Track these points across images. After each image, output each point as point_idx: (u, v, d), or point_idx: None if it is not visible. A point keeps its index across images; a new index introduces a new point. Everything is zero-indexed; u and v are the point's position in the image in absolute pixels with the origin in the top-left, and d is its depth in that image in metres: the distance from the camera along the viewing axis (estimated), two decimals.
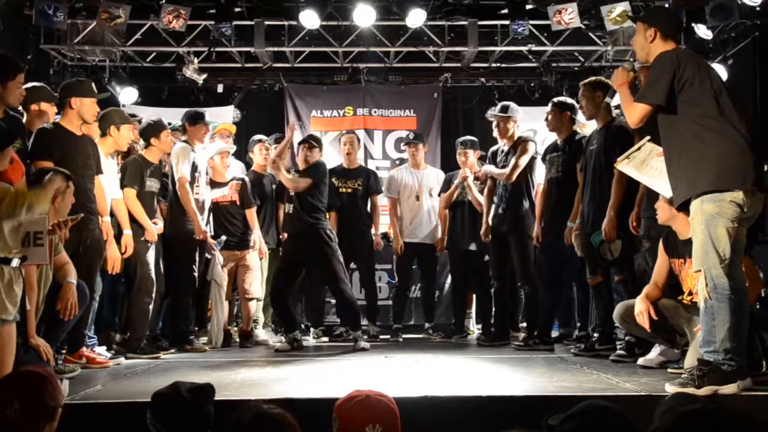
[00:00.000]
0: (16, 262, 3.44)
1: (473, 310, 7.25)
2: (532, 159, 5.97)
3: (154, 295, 5.52)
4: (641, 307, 4.27)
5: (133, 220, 5.46)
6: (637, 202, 4.77)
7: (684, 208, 3.68)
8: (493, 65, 9.03)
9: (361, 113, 9.24)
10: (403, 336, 6.96)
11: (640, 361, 4.55)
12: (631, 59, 6.77)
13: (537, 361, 5.03)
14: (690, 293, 4.24)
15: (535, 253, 6.25)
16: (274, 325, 6.91)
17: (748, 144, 3.54)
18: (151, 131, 5.72)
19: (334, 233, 6.00)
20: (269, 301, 6.43)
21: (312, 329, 6.95)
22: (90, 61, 8.67)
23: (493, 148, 6.30)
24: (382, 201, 7.24)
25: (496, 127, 6.03)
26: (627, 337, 4.84)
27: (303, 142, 6.20)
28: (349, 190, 6.87)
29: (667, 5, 7.48)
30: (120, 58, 8.72)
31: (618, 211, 4.88)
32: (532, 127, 8.37)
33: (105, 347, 5.41)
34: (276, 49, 8.74)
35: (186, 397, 2.60)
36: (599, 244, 4.95)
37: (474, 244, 6.58)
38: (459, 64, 9.04)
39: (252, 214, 6.48)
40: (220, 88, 9.31)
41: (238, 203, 6.44)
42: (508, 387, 3.83)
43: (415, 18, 8.08)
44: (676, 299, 4.35)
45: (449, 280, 7.36)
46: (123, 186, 5.53)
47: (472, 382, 4.08)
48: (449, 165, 7.27)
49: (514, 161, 5.82)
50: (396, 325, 6.97)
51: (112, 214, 5.33)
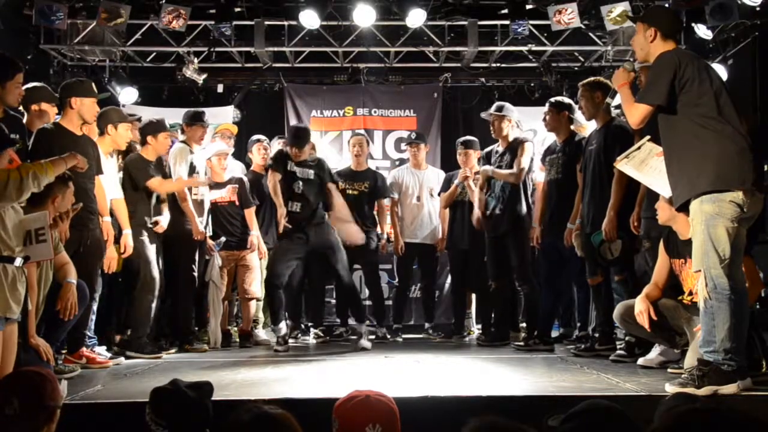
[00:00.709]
0: (19, 261, 3.44)
1: (473, 310, 7.25)
2: (531, 159, 6.00)
3: (157, 294, 5.53)
4: (641, 307, 4.27)
5: (134, 218, 5.47)
6: (637, 202, 4.77)
7: (684, 208, 3.68)
8: (493, 65, 9.03)
9: (361, 113, 9.23)
10: (403, 336, 6.96)
11: (640, 361, 4.56)
12: (631, 59, 6.77)
13: (537, 361, 5.03)
14: (690, 293, 4.24)
15: (535, 253, 6.26)
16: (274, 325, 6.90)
17: (747, 144, 3.55)
18: (149, 129, 5.74)
19: None
20: (265, 291, 6.41)
21: (312, 329, 6.94)
22: (90, 61, 8.67)
23: (488, 149, 6.33)
24: (386, 201, 7.24)
25: (492, 126, 6.07)
26: (627, 337, 4.84)
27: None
28: (355, 192, 6.86)
29: (667, 5, 7.48)
30: (120, 58, 8.71)
31: (618, 211, 4.88)
32: (532, 127, 8.36)
33: (105, 347, 5.41)
34: (276, 49, 8.73)
35: (186, 392, 2.59)
36: (599, 244, 4.96)
37: (473, 244, 6.58)
38: (459, 64, 9.03)
39: (251, 214, 6.48)
40: (220, 88, 9.30)
41: (237, 203, 6.44)
42: (508, 387, 3.84)
43: (415, 18, 8.07)
44: (676, 299, 4.35)
45: (449, 280, 7.36)
46: (132, 185, 5.56)
47: (472, 382, 4.09)
48: (449, 165, 7.26)
49: (517, 164, 5.83)
50: (396, 325, 6.97)
51: (112, 214, 5.34)
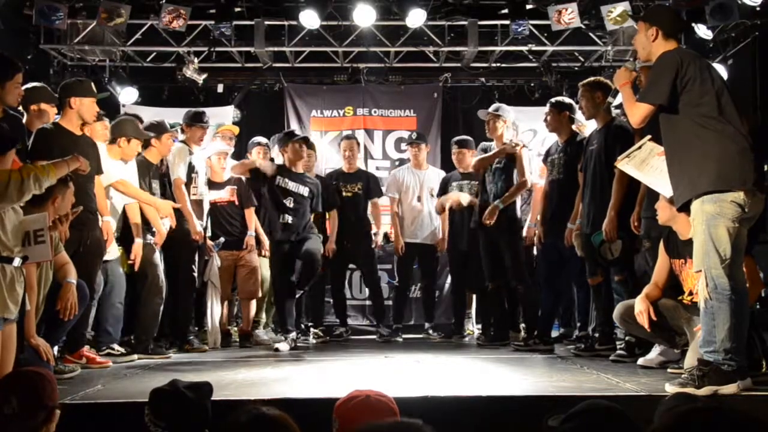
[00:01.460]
0: (17, 262, 3.44)
1: (473, 310, 7.25)
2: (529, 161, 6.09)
3: (164, 296, 5.54)
4: (641, 307, 4.27)
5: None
6: (638, 201, 4.76)
7: (685, 208, 3.67)
8: (493, 65, 9.01)
9: (361, 113, 9.22)
10: (403, 336, 6.96)
11: (640, 361, 4.55)
12: (631, 59, 6.77)
13: (537, 361, 5.03)
14: (690, 293, 4.24)
15: (534, 253, 6.26)
16: (274, 325, 6.90)
17: (749, 144, 3.54)
18: (153, 131, 5.74)
19: None
20: (274, 299, 6.42)
21: (312, 329, 6.94)
22: (90, 61, 8.66)
23: (483, 144, 6.36)
24: (383, 201, 7.25)
25: (487, 125, 6.13)
26: (627, 337, 4.84)
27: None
28: (349, 194, 6.92)
29: (667, 4, 7.47)
30: (120, 58, 8.70)
31: (618, 211, 4.88)
32: (532, 127, 8.36)
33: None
34: (276, 49, 8.72)
35: (185, 393, 2.59)
36: (600, 244, 4.95)
37: (473, 245, 6.57)
38: (459, 64, 9.02)
39: (251, 214, 6.48)
40: (220, 88, 9.29)
41: (236, 203, 6.44)
42: (508, 387, 3.83)
43: (415, 18, 8.06)
44: (676, 299, 4.35)
45: (449, 280, 7.36)
46: None
47: (472, 382, 4.08)
48: (449, 165, 7.26)
49: (520, 175, 5.95)
50: (396, 325, 6.97)
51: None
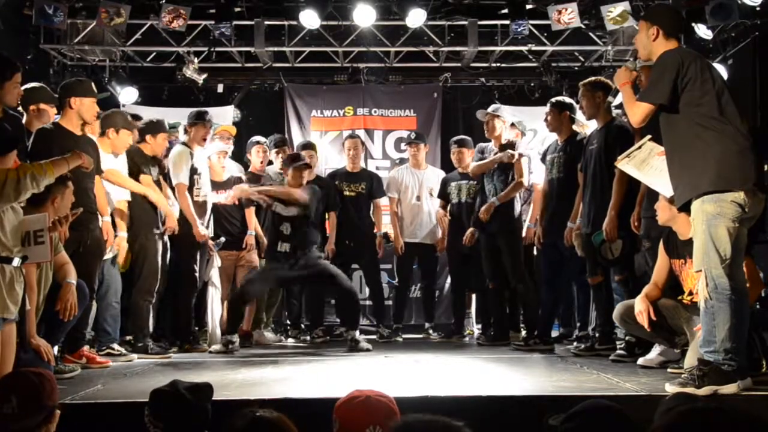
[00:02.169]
0: (17, 262, 3.44)
1: (473, 310, 7.25)
2: (528, 159, 6.14)
3: (155, 293, 5.53)
4: (641, 307, 4.27)
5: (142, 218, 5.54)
6: (638, 201, 4.77)
7: (685, 208, 3.67)
8: (493, 65, 9.00)
9: (361, 113, 9.21)
10: (403, 336, 6.96)
11: (640, 361, 4.55)
12: (631, 59, 6.77)
13: (537, 361, 5.03)
14: (690, 293, 4.23)
15: (531, 253, 6.26)
16: (274, 325, 6.90)
17: (749, 144, 3.54)
18: (148, 129, 5.79)
19: None
20: (228, 301, 6.31)
21: (312, 329, 6.93)
22: (90, 61, 8.65)
23: (481, 145, 6.39)
24: (383, 201, 7.25)
25: (486, 126, 6.14)
26: (627, 337, 4.84)
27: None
28: (353, 194, 6.92)
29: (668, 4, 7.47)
30: (120, 58, 8.69)
31: (619, 210, 4.88)
32: (532, 127, 8.34)
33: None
34: (276, 49, 8.72)
35: (185, 395, 2.58)
36: (600, 243, 4.95)
37: (473, 245, 6.57)
38: (459, 64, 9.01)
39: (250, 214, 6.48)
40: (220, 88, 9.28)
41: (236, 203, 6.44)
42: (508, 387, 3.83)
43: (415, 18, 8.06)
44: (676, 299, 4.35)
45: (449, 280, 7.35)
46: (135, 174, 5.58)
47: (472, 382, 4.08)
48: (449, 165, 7.27)
49: (518, 175, 6.01)
50: (396, 325, 6.97)
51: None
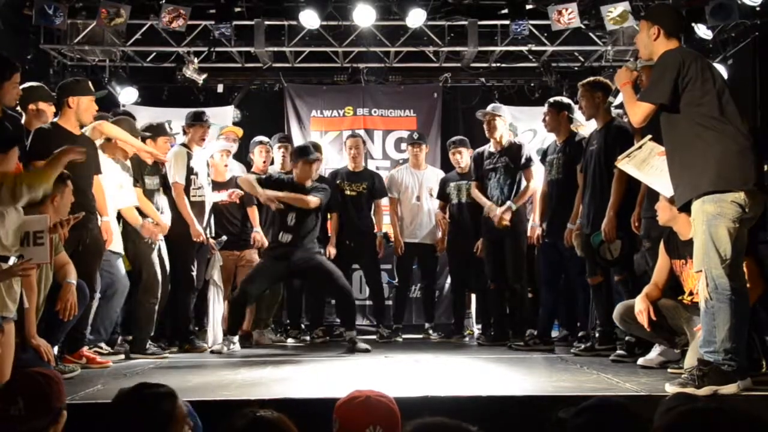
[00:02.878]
0: (13, 261, 3.44)
1: (473, 310, 7.25)
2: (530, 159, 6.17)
3: (159, 295, 5.53)
4: (641, 307, 4.26)
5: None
6: (638, 202, 4.76)
7: (686, 208, 3.67)
8: (493, 65, 9.01)
9: (361, 113, 9.22)
10: (403, 336, 6.96)
11: (640, 361, 4.55)
12: (632, 59, 6.77)
13: (537, 361, 5.03)
14: (690, 294, 4.23)
15: (532, 253, 6.27)
16: (274, 325, 6.90)
17: (749, 144, 3.54)
18: (149, 132, 5.75)
19: None
20: (230, 301, 6.31)
21: (312, 329, 6.93)
22: (90, 61, 8.65)
23: (479, 149, 6.38)
24: (384, 201, 7.25)
25: (486, 126, 6.13)
26: (627, 337, 4.84)
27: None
28: (354, 193, 6.90)
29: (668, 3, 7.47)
30: (120, 58, 8.69)
31: (618, 211, 4.87)
32: (532, 127, 8.35)
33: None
34: (276, 49, 8.72)
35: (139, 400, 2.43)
36: (599, 244, 4.95)
37: (474, 245, 6.57)
38: (459, 64, 9.01)
39: (254, 212, 6.49)
40: (220, 88, 9.27)
41: (237, 203, 6.44)
42: (508, 387, 3.83)
43: (415, 18, 8.06)
44: (676, 299, 4.35)
45: (449, 280, 7.35)
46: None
47: (472, 382, 4.08)
48: (449, 165, 7.27)
49: (527, 185, 6.07)
50: (396, 325, 6.97)
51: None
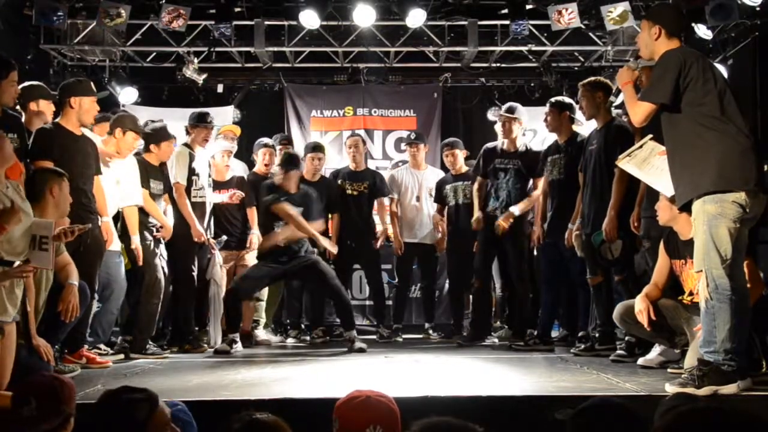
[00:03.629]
0: (17, 264, 3.45)
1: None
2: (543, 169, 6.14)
3: (162, 296, 5.53)
4: (641, 306, 4.26)
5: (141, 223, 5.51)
6: (637, 201, 4.76)
7: (686, 208, 3.67)
8: (493, 65, 9.02)
9: (361, 113, 9.23)
10: (403, 336, 6.96)
11: (640, 361, 4.55)
12: (632, 59, 6.76)
13: (537, 361, 5.03)
14: (690, 294, 4.23)
15: (534, 253, 6.27)
16: (274, 325, 6.90)
17: (751, 144, 3.54)
18: (152, 138, 5.75)
19: None
20: (224, 300, 6.30)
21: (312, 329, 6.93)
22: (90, 61, 8.66)
23: (490, 144, 6.34)
24: (386, 200, 7.24)
25: (502, 127, 6.13)
26: (627, 337, 4.84)
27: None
28: (355, 193, 6.90)
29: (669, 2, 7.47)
30: (120, 58, 8.70)
31: (618, 211, 4.87)
32: (532, 127, 8.33)
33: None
34: (276, 49, 8.73)
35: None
36: (599, 244, 4.95)
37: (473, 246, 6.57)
38: (459, 64, 9.02)
39: (253, 213, 6.49)
40: (220, 88, 9.29)
41: (238, 203, 6.44)
42: (508, 387, 3.83)
43: (415, 18, 8.06)
44: (676, 299, 4.35)
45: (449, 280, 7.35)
46: None
47: (472, 382, 4.08)
48: None
49: (535, 187, 6.07)
50: (396, 325, 6.97)
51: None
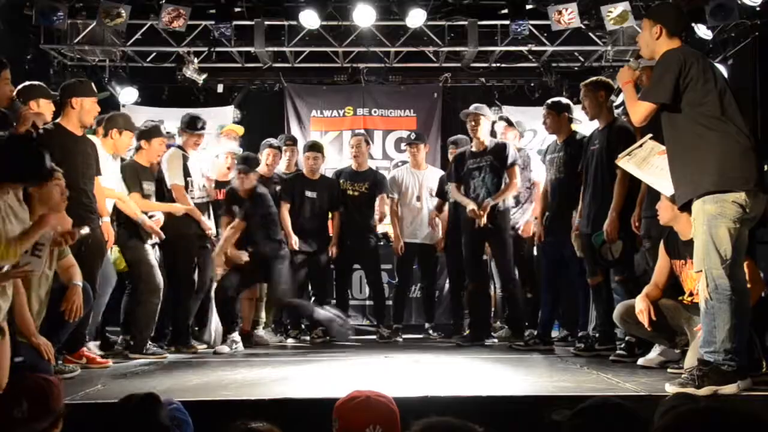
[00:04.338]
0: (7, 267, 3.45)
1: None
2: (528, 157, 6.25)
3: (161, 296, 5.53)
4: (641, 306, 4.26)
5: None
6: (638, 202, 4.77)
7: (686, 208, 3.67)
8: (493, 65, 9.03)
9: (361, 113, 9.24)
10: (403, 336, 6.96)
11: (640, 361, 4.56)
12: (632, 58, 6.76)
13: (537, 361, 5.04)
14: (690, 294, 4.23)
15: (532, 253, 6.27)
16: (274, 325, 6.90)
17: (751, 144, 3.54)
18: (143, 135, 5.74)
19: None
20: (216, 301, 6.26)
21: (312, 329, 6.93)
22: (90, 61, 8.66)
23: (459, 151, 6.43)
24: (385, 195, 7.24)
25: (472, 125, 6.07)
26: (627, 337, 4.84)
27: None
28: (356, 193, 6.90)
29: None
30: (120, 58, 8.71)
31: (620, 212, 4.87)
32: (532, 127, 8.36)
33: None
34: (276, 49, 8.73)
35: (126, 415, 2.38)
36: (600, 244, 4.95)
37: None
38: (459, 64, 9.03)
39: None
40: (220, 88, 9.30)
41: None
42: (508, 387, 3.84)
43: (415, 18, 8.07)
44: (676, 299, 4.35)
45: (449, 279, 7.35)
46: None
47: (472, 382, 4.08)
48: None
49: (509, 178, 6.05)
50: (396, 325, 6.97)
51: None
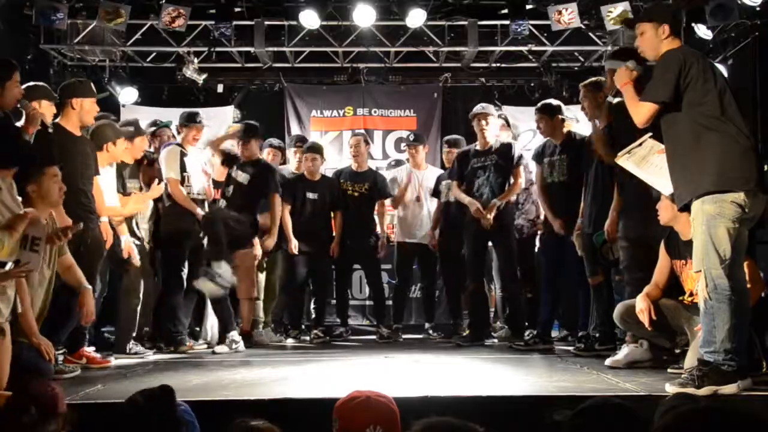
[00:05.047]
0: (9, 266, 3.46)
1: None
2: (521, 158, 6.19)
3: (141, 295, 5.51)
4: (642, 306, 4.26)
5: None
6: (612, 207, 4.81)
7: (686, 208, 3.67)
8: (493, 65, 9.03)
9: (361, 113, 9.24)
10: (403, 336, 6.96)
11: (608, 361, 4.54)
12: (630, 60, 6.75)
13: (537, 361, 5.04)
14: (691, 294, 4.23)
15: (531, 252, 6.28)
16: (274, 325, 6.89)
17: (751, 144, 3.54)
18: (126, 136, 5.72)
19: None
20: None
21: (312, 329, 6.93)
22: (90, 61, 8.66)
23: (463, 149, 6.41)
24: (387, 201, 7.23)
25: (481, 124, 6.06)
26: (627, 338, 4.83)
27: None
28: (356, 193, 6.90)
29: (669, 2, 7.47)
30: (120, 58, 8.71)
31: (621, 212, 4.87)
32: (532, 127, 8.32)
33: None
34: (276, 49, 8.74)
35: (143, 407, 2.38)
36: (601, 244, 4.95)
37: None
38: (459, 64, 9.03)
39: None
40: (220, 88, 9.30)
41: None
42: (508, 387, 3.84)
43: (415, 18, 8.08)
44: (676, 299, 4.35)
45: None
46: None
47: (472, 382, 4.08)
48: None
49: (514, 178, 6.05)
50: (396, 325, 6.97)
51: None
